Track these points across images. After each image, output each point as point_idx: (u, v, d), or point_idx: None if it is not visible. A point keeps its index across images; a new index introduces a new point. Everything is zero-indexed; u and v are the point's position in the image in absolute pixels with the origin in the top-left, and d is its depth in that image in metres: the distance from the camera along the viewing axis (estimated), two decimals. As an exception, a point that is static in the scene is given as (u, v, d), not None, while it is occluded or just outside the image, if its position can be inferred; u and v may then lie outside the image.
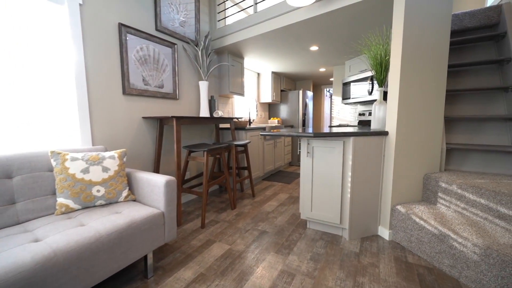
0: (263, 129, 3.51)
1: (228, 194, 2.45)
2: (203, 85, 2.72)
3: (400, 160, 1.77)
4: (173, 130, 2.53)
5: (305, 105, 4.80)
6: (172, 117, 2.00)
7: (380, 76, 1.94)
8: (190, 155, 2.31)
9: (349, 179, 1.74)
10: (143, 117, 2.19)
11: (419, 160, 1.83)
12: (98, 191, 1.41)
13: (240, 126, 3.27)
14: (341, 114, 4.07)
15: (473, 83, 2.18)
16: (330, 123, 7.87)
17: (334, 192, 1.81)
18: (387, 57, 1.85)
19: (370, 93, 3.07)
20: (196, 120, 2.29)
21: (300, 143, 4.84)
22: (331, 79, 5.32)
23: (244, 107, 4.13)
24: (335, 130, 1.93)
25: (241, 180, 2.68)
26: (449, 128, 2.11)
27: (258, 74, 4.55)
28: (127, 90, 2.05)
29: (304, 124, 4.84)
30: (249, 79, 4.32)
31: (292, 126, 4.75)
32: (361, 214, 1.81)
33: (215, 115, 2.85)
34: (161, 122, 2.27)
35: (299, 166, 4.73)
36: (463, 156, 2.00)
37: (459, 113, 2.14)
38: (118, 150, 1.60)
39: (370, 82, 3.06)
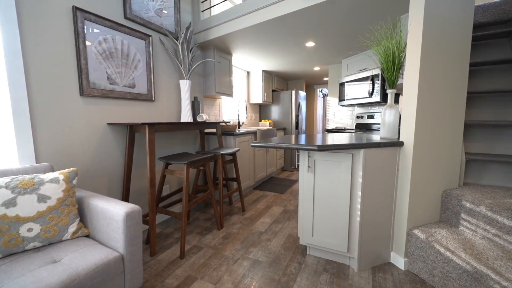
0: (253, 133, 3.18)
1: (214, 211, 2.10)
2: (185, 85, 2.35)
3: (418, 174, 1.49)
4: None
5: (298, 106, 4.52)
6: (143, 124, 1.63)
7: (392, 76, 1.65)
8: (168, 167, 1.94)
9: (359, 199, 1.45)
10: (109, 124, 1.80)
11: (437, 174, 1.56)
12: (30, 230, 1.03)
13: (228, 130, 2.92)
14: (337, 116, 3.81)
15: (487, 85, 1.95)
16: (324, 125, 7.67)
17: (341, 214, 1.51)
18: (401, 54, 1.57)
19: (371, 94, 2.81)
20: (175, 127, 1.92)
21: (298, 155, 4.53)
22: (325, 79, 5.07)
23: (233, 109, 3.78)
24: (335, 136, 1.64)
25: (229, 194, 2.34)
26: (465, 136, 1.87)
27: (248, 72, 4.22)
28: (86, 90, 1.65)
29: (297, 127, 4.55)
30: (238, 78, 3.97)
31: (284, 129, 4.45)
32: (372, 240, 1.52)
33: (198, 119, 2.49)
34: (131, 129, 1.88)
35: (293, 171, 4.44)
36: (481, 167, 1.76)
37: (475, 118, 1.90)
38: (65, 170, 1.22)
39: (371, 82, 2.80)
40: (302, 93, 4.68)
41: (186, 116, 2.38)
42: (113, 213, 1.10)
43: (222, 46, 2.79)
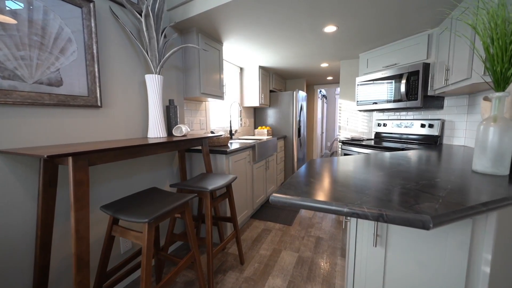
0: (251, 147, 2.43)
1: (200, 283, 1.33)
2: (154, 82, 1.56)
3: None
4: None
5: (300, 110, 3.82)
6: (62, 155, 0.83)
7: (502, 67, 0.97)
8: (117, 223, 1.15)
9: (482, 306, 0.74)
10: (2, 152, 0.97)
11: None
12: None
13: (218, 145, 2.15)
14: (351, 122, 3.14)
15: None
16: (322, 129, 7.07)
17: (440, 328, 0.80)
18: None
19: (407, 97, 2.16)
20: (132, 152, 1.14)
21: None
22: (329, 78, 4.42)
23: (224, 114, 3.01)
24: (353, 149, 0.97)
25: (220, 249, 1.57)
26: None
27: (241, 69, 3.46)
28: None
29: (299, 134, 3.86)
30: (229, 76, 3.20)
31: (285, 137, 3.74)
32: None
33: (175, 132, 1.70)
34: (48, 162, 1.07)
35: (295, 187, 3.73)
36: None
37: None
38: None
39: (406, 81, 2.14)
40: (303, 94, 4.00)
41: (155, 129, 1.58)
42: None
43: (210, 29, 2.01)
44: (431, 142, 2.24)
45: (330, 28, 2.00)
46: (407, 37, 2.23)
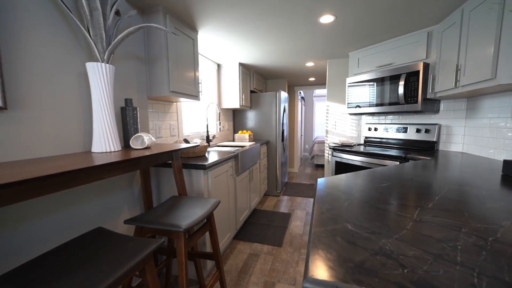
0: (234, 157, 2.05)
1: None
2: (99, 74, 1.09)
3: None
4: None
5: (283, 112, 3.53)
6: None
7: None
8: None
9: None
10: None
11: None
12: None
13: (193, 155, 1.74)
14: (339, 126, 2.93)
15: None
16: (301, 132, 6.97)
17: None
18: None
19: (405, 99, 1.97)
20: (55, 184, 0.69)
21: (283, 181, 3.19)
22: (311, 79, 4.22)
23: (200, 117, 2.57)
24: (344, 156, 0.70)
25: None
26: None
27: (219, 65, 3.05)
28: None
29: (283, 138, 3.56)
30: (204, 74, 2.77)
31: (267, 142, 3.41)
32: None
33: (134, 143, 1.26)
34: None
35: (279, 196, 3.43)
36: None
37: None
38: None
39: (404, 82, 1.96)
40: (285, 95, 3.72)
41: (103, 140, 1.12)
42: None
43: (181, 10, 1.59)
44: (427, 149, 2.09)
45: (327, 18, 1.71)
46: (404, 35, 2.05)
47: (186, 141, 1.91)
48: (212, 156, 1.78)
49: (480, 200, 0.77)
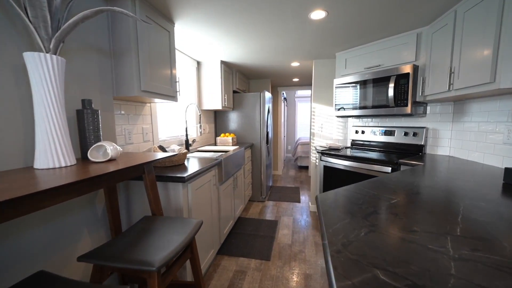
0: (217, 165, 1.85)
1: None
2: (42, 68, 0.84)
3: None
4: None
5: (267, 113, 3.39)
6: None
7: None
8: None
9: None
10: None
11: None
12: None
13: (170, 164, 1.51)
14: (325, 129, 2.85)
15: None
16: (284, 133, 6.92)
17: None
18: None
19: (395, 102, 1.91)
20: None
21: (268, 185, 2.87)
22: (295, 79, 4.13)
23: (178, 120, 2.32)
24: (332, 160, 0.64)
25: None
26: None
27: (199, 63, 2.81)
28: None
29: (267, 141, 3.42)
30: (182, 72, 2.53)
31: (252, 146, 3.24)
32: None
33: (93, 155, 1.02)
34: None
35: (264, 201, 3.28)
36: None
37: None
38: None
39: (394, 85, 1.90)
40: (269, 96, 3.58)
41: (50, 153, 0.87)
42: None
43: (154, -3, 1.36)
44: (415, 152, 2.07)
45: (318, 14, 1.58)
46: (393, 36, 2.00)
47: (162, 148, 1.68)
48: (193, 165, 1.56)
49: (508, 222, 0.67)
